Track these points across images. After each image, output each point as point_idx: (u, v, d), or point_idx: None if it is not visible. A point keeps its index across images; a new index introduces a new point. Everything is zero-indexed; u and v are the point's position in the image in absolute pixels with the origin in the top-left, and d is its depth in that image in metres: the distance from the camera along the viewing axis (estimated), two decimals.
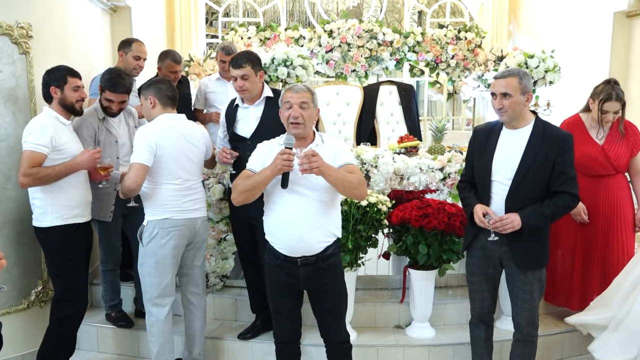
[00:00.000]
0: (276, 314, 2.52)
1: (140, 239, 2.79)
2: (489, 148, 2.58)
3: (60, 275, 2.88)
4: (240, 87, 2.92)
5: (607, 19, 4.66)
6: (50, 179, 2.74)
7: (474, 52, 5.64)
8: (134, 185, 2.60)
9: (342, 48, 5.52)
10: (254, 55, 3.00)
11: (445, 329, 3.40)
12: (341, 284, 2.49)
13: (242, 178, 2.32)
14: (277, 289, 2.47)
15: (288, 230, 2.33)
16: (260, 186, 2.26)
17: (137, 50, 3.66)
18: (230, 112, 3.07)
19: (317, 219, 2.34)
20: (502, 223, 2.46)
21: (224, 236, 3.55)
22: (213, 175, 3.46)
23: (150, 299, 2.82)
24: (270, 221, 2.40)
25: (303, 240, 2.33)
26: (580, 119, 3.23)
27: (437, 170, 3.49)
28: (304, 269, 2.37)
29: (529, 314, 2.61)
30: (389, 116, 5.46)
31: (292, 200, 2.30)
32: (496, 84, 2.51)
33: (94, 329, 3.44)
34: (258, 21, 6.19)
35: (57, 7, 3.44)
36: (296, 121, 2.29)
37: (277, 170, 2.19)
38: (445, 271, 3.27)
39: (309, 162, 2.12)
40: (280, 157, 2.18)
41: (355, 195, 2.36)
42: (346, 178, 2.26)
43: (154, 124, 2.78)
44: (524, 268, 2.54)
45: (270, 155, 2.32)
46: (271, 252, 2.42)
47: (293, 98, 2.32)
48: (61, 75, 2.82)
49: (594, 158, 3.15)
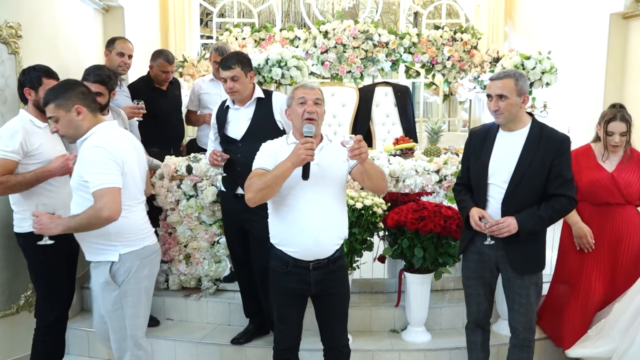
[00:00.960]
0: (281, 322, 2.45)
1: (110, 283, 2.31)
2: (485, 150, 2.54)
3: (40, 281, 2.80)
4: (230, 88, 2.87)
5: (604, 21, 4.65)
6: (21, 186, 2.59)
7: (470, 53, 5.62)
8: (116, 215, 2.15)
9: (338, 49, 5.49)
10: (244, 56, 2.96)
11: (441, 333, 3.37)
12: (347, 286, 2.48)
13: (257, 176, 2.22)
14: (284, 296, 2.40)
15: (304, 233, 2.26)
16: (280, 180, 2.16)
17: (120, 47, 3.62)
18: (221, 114, 3.03)
19: (333, 219, 2.31)
20: (499, 227, 2.43)
21: (217, 239, 3.50)
22: (206, 177, 3.41)
23: (136, 342, 2.39)
24: (280, 223, 2.32)
25: (319, 243, 2.28)
26: (590, 148, 3.09)
27: (433, 173, 3.45)
28: (315, 274, 2.32)
29: (526, 319, 2.57)
30: (384, 118, 5.43)
31: (306, 200, 2.25)
32: (492, 86, 2.47)
33: (85, 334, 3.39)
34: (253, 22, 6.14)
35: (47, 6, 3.40)
36: (312, 116, 2.26)
37: (300, 161, 2.12)
38: (441, 275, 3.23)
39: (359, 147, 2.11)
40: (302, 146, 2.11)
41: (383, 187, 2.36)
42: (378, 169, 2.33)
43: (106, 136, 2.26)
44: (520, 272, 2.51)
45: (282, 152, 2.26)
46: (279, 258, 2.35)
47: (307, 94, 2.29)
48: (36, 77, 2.67)
49: (603, 185, 2.98)
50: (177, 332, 3.37)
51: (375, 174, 2.28)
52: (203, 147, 4.27)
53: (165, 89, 4.06)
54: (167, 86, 4.06)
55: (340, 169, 2.32)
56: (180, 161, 3.49)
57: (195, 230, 3.49)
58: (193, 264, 3.52)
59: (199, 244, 3.49)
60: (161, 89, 4.02)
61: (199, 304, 3.51)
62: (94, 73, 2.92)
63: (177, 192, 3.45)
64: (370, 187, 2.36)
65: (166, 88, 4.06)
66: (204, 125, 4.28)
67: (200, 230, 3.49)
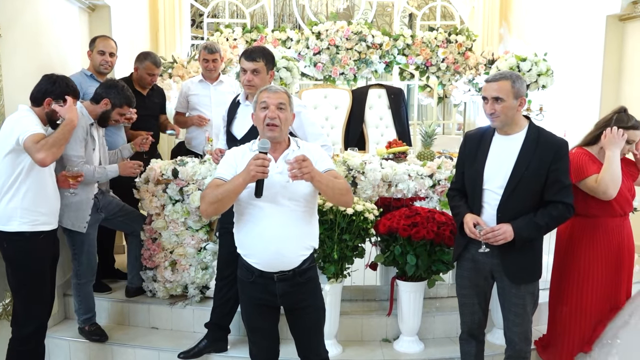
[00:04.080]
0: (252, 333, 2.35)
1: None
2: (480, 155, 2.45)
3: (21, 289, 2.69)
4: (248, 80, 2.74)
5: (600, 23, 4.60)
6: (59, 141, 2.58)
7: (465, 55, 5.54)
8: None
9: (331, 50, 5.40)
10: (269, 52, 2.85)
11: (434, 342, 3.28)
12: (320, 298, 2.35)
13: (212, 187, 2.13)
14: (252, 306, 2.30)
15: (264, 244, 2.16)
16: (232, 195, 2.07)
17: (102, 45, 3.53)
18: (231, 109, 2.92)
19: (296, 231, 2.18)
20: (494, 234, 2.34)
21: (204, 245, 3.39)
22: (193, 181, 3.30)
23: None
24: (242, 234, 2.23)
25: (281, 255, 2.17)
26: (588, 152, 2.78)
27: (427, 177, 3.36)
28: (280, 285, 2.21)
29: (522, 329, 2.49)
30: (378, 120, 5.35)
31: (268, 211, 2.14)
32: (488, 88, 2.38)
33: (66, 343, 3.26)
34: (245, 23, 6.05)
35: (29, 5, 3.28)
36: (273, 122, 2.13)
37: (251, 178, 2.01)
38: (434, 283, 3.14)
39: (300, 167, 1.98)
40: (254, 162, 2.00)
41: (344, 202, 2.23)
42: (336, 185, 2.14)
43: None
44: (516, 281, 2.42)
45: (242, 161, 2.14)
46: (244, 267, 2.25)
47: (270, 98, 2.17)
48: (62, 92, 2.69)
49: (624, 195, 2.74)
50: (161, 342, 3.26)
51: (332, 191, 2.11)
52: (192, 150, 4.17)
53: (145, 94, 3.93)
54: (147, 91, 3.95)
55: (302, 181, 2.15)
56: (166, 165, 3.38)
57: (181, 236, 3.38)
58: (179, 270, 3.41)
59: (185, 250, 3.38)
60: (141, 94, 3.88)
61: (185, 312, 3.40)
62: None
63: (163, 196, 3.35)
64: (330, 202, 2.25)
65: (146, 93, 3.94)
66: (192, 128, 4.18)
67: (187, 236, 3.38)
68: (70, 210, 2.99)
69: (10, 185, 2.62)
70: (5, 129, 2.62)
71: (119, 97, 3.11)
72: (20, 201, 2.63)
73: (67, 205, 2.95)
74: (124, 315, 3.49)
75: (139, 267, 3.48)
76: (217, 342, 3.08)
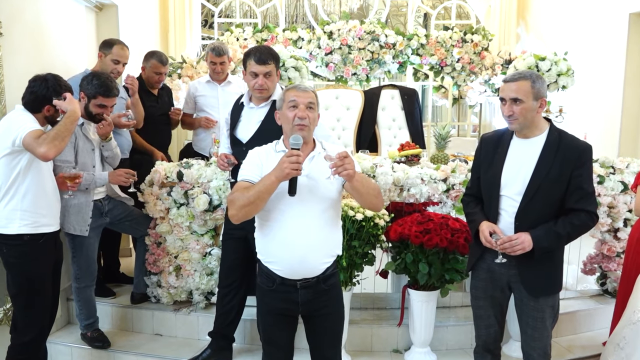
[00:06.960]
0: (268, 344, 2.22)
1: None
2: (498, 159, 2.31)
3: (21, 294, 2.62)
4: (260, 85, 2.64)
5: (622, 21, 4.45)
6: (62, 133, 2.48)
7: (481, 55, 5.39)
8: None
9: (343, 50, 5.28)
10: (276, 52, 2.75)
11: (447, 354, 3.15)
12: (341, 306, 2.25)
13: (240, 190, 2.01)
14: (271, 317, 2.18)
15: (289, 251, 2.05)
16: (265, 196, 1.96)
17: (117, 54, 3.43)
18: (235, 111, 2.82)
19: (322, 237, 2.08)
20: (511, 244, 2.20)
21: (209, 250, 3.30)
22: (198, 184, 3.21)
23: None
24: (267, 240, 2.11)
25: (306, 262, 2.06)
26: None
27: (440, 181, 3.23)
28: (303, 293, 2.10)
29: (541, 344, 2.34)
30: (390, 122, 5.23)
31: (294, 214, 2.03)
32: (506, 88, 2.24)
33: (68, 349, 3.19)
34: (256, 22, 5.96)
35: (30, 3, 3.21)
36: (302, 122, 2.04)
37: (285, 175, 1.91)
38: (447, 292, 3.00)
39: (343, 164, 1.89)
40: (287, 159, 1.90)
41: (376, 205, 2.13)
42: (371, 185, 2.08)
43: None
44: (535, 294, 2.28)
45: (269, 162, 2.04)
46: (265, 274, 2.14)
47: (300, 97, 2.07)
48: (58, 93, 2.59)
49: None
50: (165, 349, 3.17)
51: (367, 191, 2.05)
52: (199, 152, 4.08)
53: (157, 94, 3.88)
54: (158, 91, 3.89)
55: (333, 182, 2.07)
56: (171, 167, 3.29)
57: (186, 240, 3.29)
58: (183, 276, 3.32)
59: (190, 255, 3.29)
60: (152, 94, 3.84)
61: (190, 319, 3.31)
62: (113, 87, 2.98)
63: (167, 199, 3.25)
64: (362, 204, 2.15)
65: (157, 93, 3.89)
66: (200, 129, 4.09)
67: (191, 241, 3.28)
68: (71, 214, 2.93)
69: (8, 187, 2.55)
70: (0, 129, 2.55)
71: (89, 88, 2.92)
72: (20, 202, 2.57)
73: (67, 208, 2.89)
74: (127, 321, 3.41)
75: (146, 272, 3.40)
76: (221, 352, 2.97)
